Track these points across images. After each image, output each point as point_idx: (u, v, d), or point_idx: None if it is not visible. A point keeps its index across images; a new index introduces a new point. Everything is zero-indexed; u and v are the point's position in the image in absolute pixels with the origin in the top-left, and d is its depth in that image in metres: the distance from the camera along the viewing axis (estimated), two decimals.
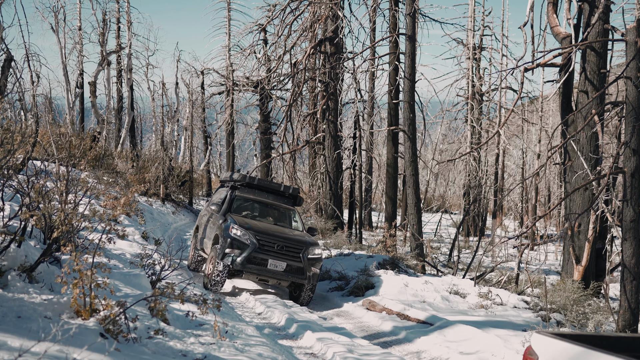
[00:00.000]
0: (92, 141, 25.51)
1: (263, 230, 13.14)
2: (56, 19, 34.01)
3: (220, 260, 12.66)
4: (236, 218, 13.47)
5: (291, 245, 13.03)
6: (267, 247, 12.86)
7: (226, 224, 13.18)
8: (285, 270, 12.89)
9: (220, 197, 15.45)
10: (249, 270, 12.78)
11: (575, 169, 14.44)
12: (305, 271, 12.99)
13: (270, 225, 13.99)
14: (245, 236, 12.79)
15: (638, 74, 11.15)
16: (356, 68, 24.53)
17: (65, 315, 5.99)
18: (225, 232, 12.91)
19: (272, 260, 12.79)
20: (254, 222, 13.59)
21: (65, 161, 15.24)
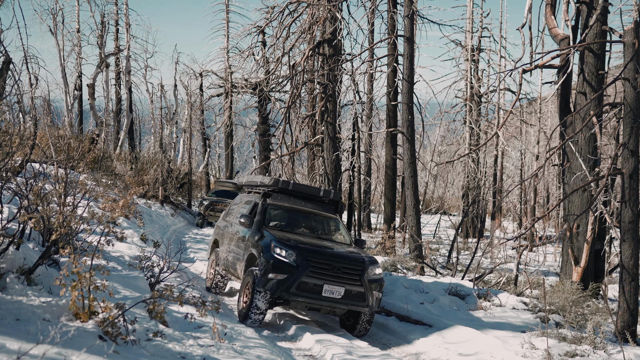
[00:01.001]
0: (91, 143, 25.50)
1: (312, 247, 10.72)
2: (54, 21, 34.05)
3: (261, 287, 10.24)
4: (275, 233, 11.12)
5: (349, 266, 10.60)
6: (320, 269, 10.37)
7: (264, 241, 10.78)
8: (343, 296, 10.44)
9: (244, 206, 13.31)
10: (299, 299, 10.32)
11: (574, 170, 14.45)
12: (367, 296, 10.59)
13: (315, 240, 11.69)
14: (291, 256, 10.32)
15: (636, 75, 11.16)
16: (355, 70, 24.53)
17: (64, 318, 5.99)
18: (266, 252, 10.47)
19: (328, 285, 10.34)
20: (297, 238, 11.26)
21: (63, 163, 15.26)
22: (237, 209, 13.71)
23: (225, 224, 13.80)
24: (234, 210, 13.87)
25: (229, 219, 13.73)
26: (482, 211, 35.30)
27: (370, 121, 26.45)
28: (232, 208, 14.23)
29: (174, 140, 47.36)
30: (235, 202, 14.26)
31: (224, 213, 14.66)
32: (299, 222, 12.56)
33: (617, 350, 9.93)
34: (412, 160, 18.57)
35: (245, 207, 13.07)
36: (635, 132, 11.16)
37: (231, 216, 13.75)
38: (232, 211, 13.97)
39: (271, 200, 12.43)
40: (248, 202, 13.15)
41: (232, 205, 14.39)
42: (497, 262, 21.68)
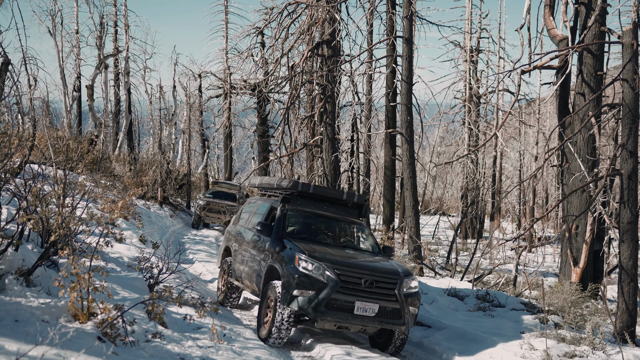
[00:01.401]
0: (90, 144, 25.51)
1: (340, 259, 9.66)
2: (53, 22, 34.04)
3: (285, 304, 9.18)
4: (298, 243, 10.04)
5: (383, 279, 9.53)
6: (351, 284, 9.28)
7: (287, 253, 9.72)
8: (377, 314, 9.31)
9: (259, 211, 12.18)
10: (328, 317, 9.17)
11: (573, 171, 14.46)
12: (403, 313, 9.48)
13: (341, 249, 10.69)
14: (319, 270, 9.23)
15: (634, 76, 11.17)
16: (353, 71, 24.55)
17: (63, 319, 5.99)
18: (290, 266, 9.38)
19: (361, 302, 9.23)
20: (322, 248, 10.15)
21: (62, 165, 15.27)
22: (250, 214, 12.58)
23: (237, 230, 12.63)
24: (246, 215, 12.75)
25: (242, 225, 12.57)
26: (481, 212, 35.32)
27: (369, 122, 26.47)
28: (244, 213, 13.09)
29: (173, 142, 47.37)
30: (248, 207, 13.10)
31: (234, 218, 13.52)
32: (321, 229, 11.44)
33: (616, 351, 9.94)
34: (411, 161, 18.58)
35: (260, 213, 11.94)
36: (634, 133, 11.18)
37: (243, 222, 12.65)
38: (245, 216, 12.82)
39: (291, 205, 11.22)
40: (263, 207, 12.02)
41: (244, 209, 13.22)
42: (496, 263, 21.70)
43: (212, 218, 27.29)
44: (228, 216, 26.92)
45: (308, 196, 11.56)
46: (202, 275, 14.79)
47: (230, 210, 27.11)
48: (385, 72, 25.06)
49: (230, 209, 27.24)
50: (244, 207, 13.37)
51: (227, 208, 27.25)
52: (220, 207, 27.17)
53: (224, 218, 27.06)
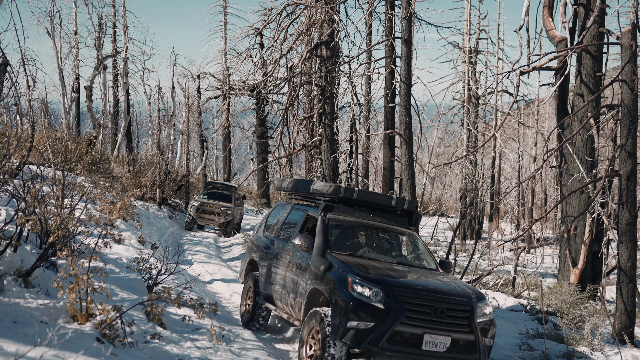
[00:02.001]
0: (88, 145, 25.50)
1: (402, 281, 8.18)
2: (52, 23, 34.03)
3: (337, 338, 7.65)
4: (347, 260, 8.46)
5: (455, 306, 7.92)
6: (418, 312, 7.70)
7: (337, 274, 8.11)
8: (449, 349, 7.74)
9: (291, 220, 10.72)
10: (389, 354, 7.62)
11: (572, 172, 14.47)
12: (478, 346, 7.91)
13: (397, 267, 9.06)
14: (378, 295, 7.63)
15: (633, 77, 11.18)
16: (352, 72, 24.56)
17: (62, 320, 5.98)
18: (341, 290, 7.81)
19: (430, 334, 7.64)
20: (375, 266, 8.49)
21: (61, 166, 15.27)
22: (279, 221, 11.05)
23: (264, 241, 11.08)
24: (274, 223, 11.28)
25: (269, 234, 11.07)
26: (479, 213, 35.32)
27: (368, 123, 26.44)
28: (270, 219, 11.62)
29: (172, 143, 47.35)
30: (275, 212, 11.65)
31: (257, 226, 11.98)
32: (369, 241, 9.90)
33: (614, 352, 9.95)
34: (410, 162, 18.58)
35: (293, 221, 10.50)
36: (633, 134, 11.19)
37: (271, 231, 11.15)
38: (272, 224, 11.35)
39: (332, 214, 9.66)
40: (296, 214, 10.54)
41: (270, 215, 11.74)
42: (494, 264, 21.69)
43: (206, 220, 26.32)
44: (223, 218, 26.00)
45: (351, 203, 9.98)
46: (201, 276, 14.79)
47: (225, 212, 26.08)
48: (384, 73, 25.06)
49: (225, 210, 26.23)
50: (269, 213, 11.85)
51: (221, 210, 26.16)
52: (214, 209, 26.15)
53: (219, 220, 26.07)
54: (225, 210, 26.17)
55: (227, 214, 26.12)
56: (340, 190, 9.68)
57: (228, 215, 26.14)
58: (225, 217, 26.07)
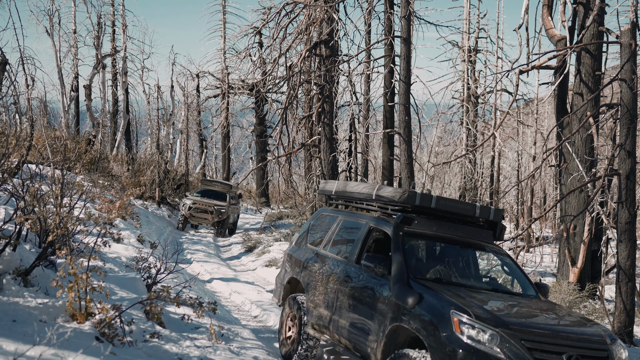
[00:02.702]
0: (88, 144, 25.49)
1: (522, 321, 6.39)
2: (51, 22, 34.01)
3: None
4: (441, 290, 6.73)
5: (588, 352, 6.23)
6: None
7: (432, 309, 6.43)
8: None
9: (344, 233, 8.84)
10: None
11: (571, 171, 14.47)
12: None
13: (499, 297, 7.43)
14: (495, 341, 5.95)
15: (632, 76, 11.19)
16: (351, 71, 24.55)
17: (61, 319, 5.98)
18: (444, 332, 6.13)
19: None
20: (474, 296, 6.85)
21: (60, 165, 15.25)
22: (328, 233, 9.10)
23: (308, 256, 9.17)
24: (320, 235, 9.34)
25: (316, 248, 9.15)
26: None
27: (367, 122, 26.45)
28: (314, 230, 9.66)
29: (171, 142, 47.35)
30: (319, 222, 9.71)
31: (297, 237, 10.03)
32: (455, 263, 8.08)
33: None
34: (409, 161, 18.58)
35: (349, 235, 8.62)
36: (632, 133, 11.19)
37: (317, 244, 9.22)
38: (318, 236, 9.40)
39: (408, 228, 7.77)
40: (353, 227, 8.60)
41: (313, 225, 9.79)
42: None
43: (199, 219, 25.38)
44: (216, 217, 25.21)
45: (427, 212, 8.10)
46: (200, 275, 14.79)
47: (218, 211, 25.26)
48: (383, 72, 25.07)
49: (219, 209, 25.37)
50: (311, 222, 9.90)
51: (214, 208, 25.27)
52: (207, 207, 25.22)
53: (212, 219, 25.22)
54: (218, 209, 25.37)
55: (220, 213, 25.35)
56: (416, 198, 7.83)
57: (222, 214, 25.39)
58: (219, 216, 25.32)
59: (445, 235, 8.02)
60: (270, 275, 17.30)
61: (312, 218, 10.04)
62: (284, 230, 24.69)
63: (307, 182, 28.48)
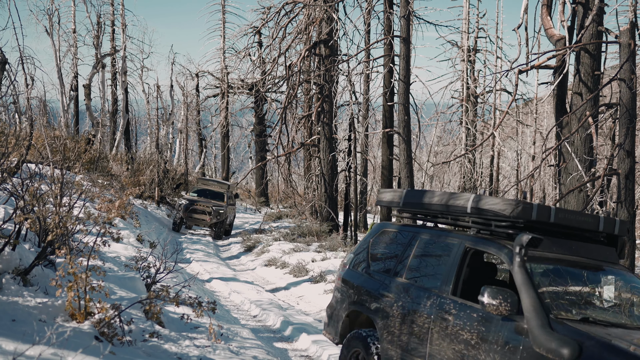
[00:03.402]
0: (87, 144, 25.48)
1: None
2: (50, 21, 33.99)
3: None
4: (600, 335, 5.10)
5: None
6: None
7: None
8: None
9: (427, 257, 7.10)
10: None
11: (570, 171, 14.47)
12: None
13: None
14: None
15: (632, 76, 11.20)
16: (351, 70, 24.56)
17: (60, 319, 5.98)
18: None
19: None
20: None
21: (59, 164, 15.25)
22: (401, 257, 7.31)
23: (376, 282, 7.40)
24: (389, 258, 7.65)
25: (393, 278, 7.18)
26: None
27: (367, 122, 26.47)
28: (377, 250, 7.92)
29: (170, 141, 47.37)
30: (383, 241, 7.91)
31: (351, 258, 8.24)
32: (591, 293, 6.45)
33: None
34: (409, 161, 18.59)
35: (433, 259, 7.01)
36: (631, 133, 11.20)
37: (388, 270, 7.40)
38: (387, 259, 7.70)
39: (539, 252, 6.14)
40: (440, 249, 6.92)
41: (376, 245, 7.98)
42: None
43: (196, 220, 24.36)
44: (214, 218, 24.17)
45: (542, 228, 6.43)
46: (200, 274, 14.80)
47: (217, 212, 24.18)
48: (382, 72, 25.07)
49: (217, 210, 24.26)
50: (369, 240, 8.13)
51: (213, 209, 24.14)
52: (205, 208, 24.12)
53: (209, 220, 24.16)
54: (217, 210, 24.31)
55: (219, 214, 24.34)
56: (532, 211, 6.16)
57: (220, 215, 24.40)
58: (217, 217, 24.32)
59: (572, 258, 6.32)
60: (270, 275, 17.32)
61: (370, 235, 8.27)
62: (283, 230, 24.69)
63: (306, 181, 28.50)
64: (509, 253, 6.00)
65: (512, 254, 5.94)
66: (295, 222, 26.06)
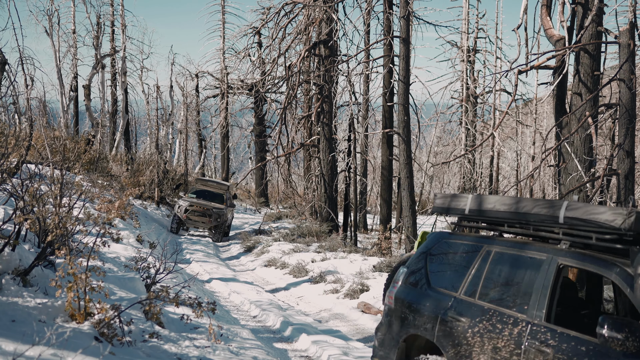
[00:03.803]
0: (87, 144, 25.48)
1: None
2: (50, 22, 33.98)
3: None
4: None
5: None
6: None
7: None
8: None
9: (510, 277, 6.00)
10: None
11: (570, 171, 14.47)
12: None
13: None
14: None
15: (631, 76, 11.20)
16: (350, 71, 24.56)
17: (60, 319, 5.98)
18: None
19: None
20: None
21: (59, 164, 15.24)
22: (468, 271, 6.35)
23: (441, 303, 6.40)
24: (450, 272, 6.67)
25: (454, 294, 6.34)
26: None
27: (366, 122, 26.50)
28: (437, 265, 6.90)
29: (170, 142, 47.36)
30: (447, 254, 6.88)
31: (404, 273, 7.18)
32: None
33: None
34: (408, 161, 18.59)
35: (512, 277, 5.95)
36: (631, 133, 11.20)
37: (453, 288, 6.43)
38: (448, 273, 6.70)
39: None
40: (523, 266, 5.89)
41: (433, 257, 7.00)
42: None
43: (196, 222, 23.46)
44: (215, 221, 23.36)
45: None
46: (200, 275, 14.80)
47: (217, 214, 23.41)
48: (382, 72, 25.08)
49: (218, 212, 23.48)
50: (427, 252, 7.10)
51: (214, 211, 23.36)
52: (206, 210, 23.33)
53: (210, 223, 23.35)
54: (217, 212, 23.55)
55: (219, 216, 23.56)
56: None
57: (220, 217, 23.63)
58: (217, 220, 23.51)
59: None
60: (270, 275, 17.31)
61: (425, 246, 7.22)
62: (283, 230, 24.67)
63: (306, 181, 28.50)
64: (623, 273, 4.97)
65: (626, 275, 4.96)
66: (295, 223, 26.05)
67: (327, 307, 13.76)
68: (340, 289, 14.94)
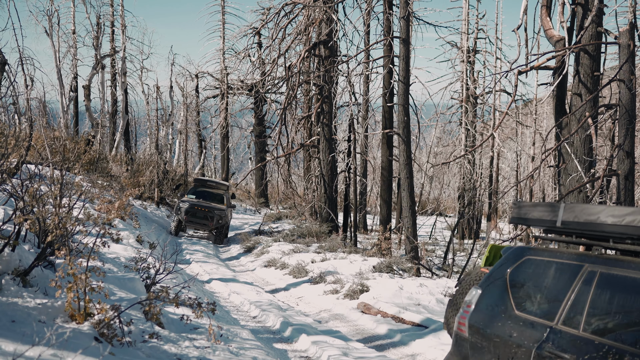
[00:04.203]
0: (87, 145, 25.49)
1: None
2: (50, 22, 33.98)
3: None
4: None
5: None
6: None
7: None
8: None
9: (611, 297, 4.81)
10: None
11: (569, 172, 14.48)
12: None
13: None
14: None
15: (631, 77, 11.20)
16: (350, 71, 24.57)
17: (60, 319, 5.98)
18: None
19: None
20: None
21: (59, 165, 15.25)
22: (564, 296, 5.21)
23: (533, 334, 5.26)
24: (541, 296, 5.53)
25: (549, 323, 5.19)
26: (478, 212, 35.34)
27: (366, 122, 26.50)
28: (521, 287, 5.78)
29: (170, 142, 47.35)
30: (533, 274, 5.74)
31: (476, 295, 6.21)
32: None
33: None
34: (408, 162, 18.59)
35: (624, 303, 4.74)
36: (631, 134, 11.21)
37: (547, 316, 5.29)
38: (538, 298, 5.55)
39: None
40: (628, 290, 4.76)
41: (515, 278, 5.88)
42: None
43: (197, 224, 23.01)
44: (216, 222, 22.96)
45: None
46: (199, 275, 14.80)
47: (219, 216, 22.96)
48: (382, 73, 25.08)
49: (219, 213, 23.01)
50: (506, 272, 6.02)
51: (215, 213, 22.88)
52: (207, 212, 22.79)
53: (211, 225, 22.91)
54: (219, 214, 23.08)
55: (220, 218, 23.13)
56: None
57: (222, 218, 23.21)
58: (219, 222, 23.12)
59: None
60: (269, 276, 17.32)
61: (504, 264, 6.16)
62: (283, 230, 24.66)
63: (306, 182, 28.49)
64: None
65: None
66: (295, 223, 26.05)
67: (327, 307, 13.76)
68: (340, 289, 14.94)
